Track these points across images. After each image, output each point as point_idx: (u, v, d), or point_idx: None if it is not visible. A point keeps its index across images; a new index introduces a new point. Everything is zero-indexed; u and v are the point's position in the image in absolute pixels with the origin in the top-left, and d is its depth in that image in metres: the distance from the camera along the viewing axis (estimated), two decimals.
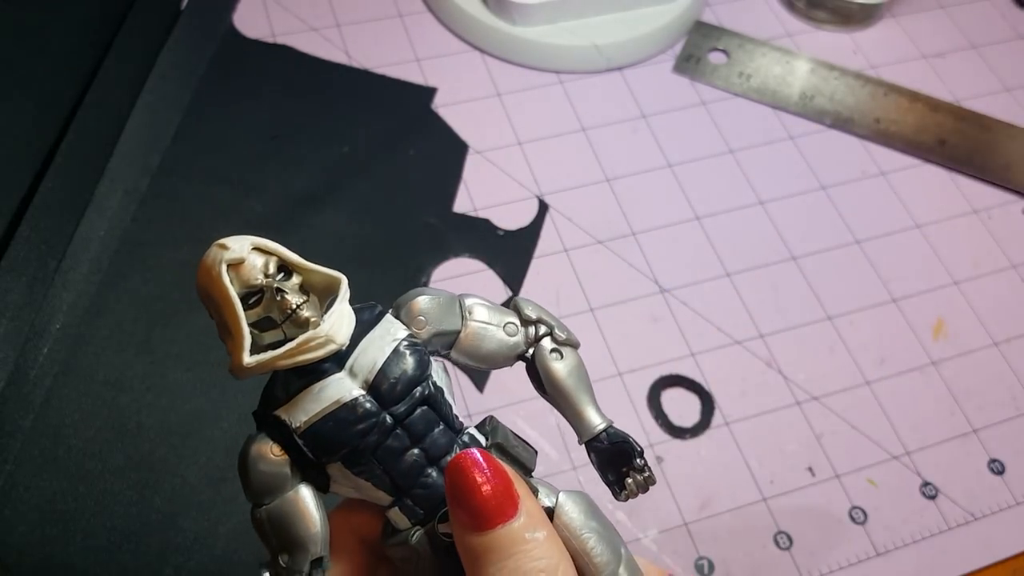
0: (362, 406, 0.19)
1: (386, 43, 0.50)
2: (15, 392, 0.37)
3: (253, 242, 0.19)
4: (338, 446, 0.19)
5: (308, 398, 0.19)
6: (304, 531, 0.20)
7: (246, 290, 0.19)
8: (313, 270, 0.19)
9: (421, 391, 0.20)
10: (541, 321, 0.21)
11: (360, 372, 0.19)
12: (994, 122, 0.49)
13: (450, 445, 0.20)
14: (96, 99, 0.44)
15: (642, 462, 0.20)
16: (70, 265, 0.40)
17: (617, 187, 0.46)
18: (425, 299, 0.21)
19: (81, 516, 0.34)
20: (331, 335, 0.18)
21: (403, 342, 0.20)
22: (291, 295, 0.19)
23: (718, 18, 0.53)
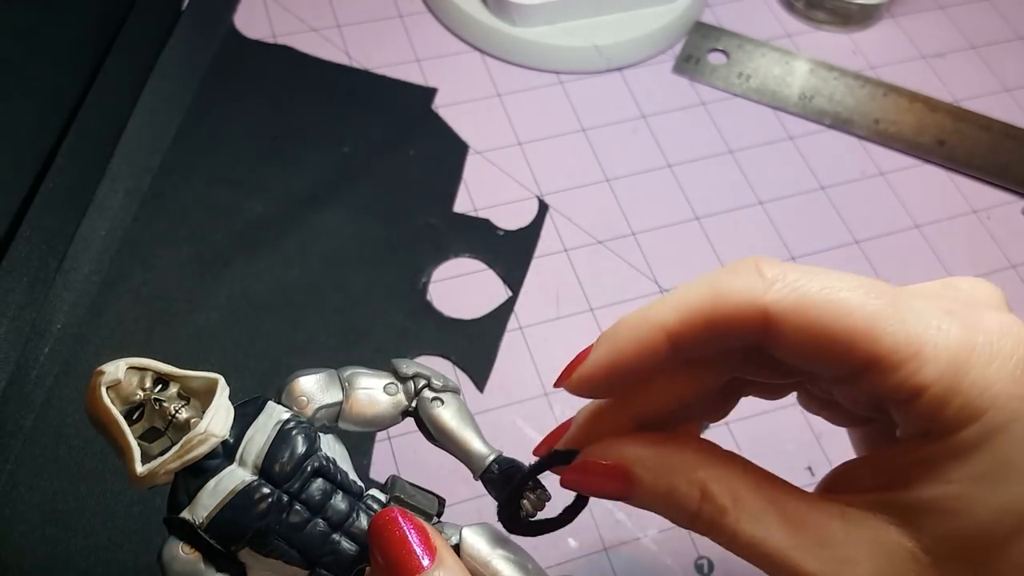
0: (257, 490, 0.20)
1: (386, 43, 0.51)
2: (16, 392, 0.37)
3: (128, 362, 0.21)
4: (241, 531, 0.20)
5: (206, 494, 0.20)
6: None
7: (128, 406, 0.20)
8: (189, 376, 0.21)
9: (312, 464, 0.21)
10: (418, 376, 0.23)
11: (249, 459, 0.21)
12: (993, 122, 0.49)
13: (351, 509, 0.21)
14: (97, 99, 0.44)
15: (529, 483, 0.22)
16: (71, 265, 0.40)
17: (617, 187, 0.46)
18: (304, 379, 0.22)
19: (82, 516, 0.35)
20: (210, 430, 0.20)
21: (286, 423, 0.21)
22: (168, 403, 0.21)
23: (717, 19, 0.54)
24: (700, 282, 0.18)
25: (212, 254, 0.42)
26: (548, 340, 0.41)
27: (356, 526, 0.21)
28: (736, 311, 0.18)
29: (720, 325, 0.18)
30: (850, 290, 0.17)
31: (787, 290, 0.17)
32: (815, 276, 0.17)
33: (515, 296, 0.42)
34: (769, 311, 0.17)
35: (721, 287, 0.18)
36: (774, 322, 0.17)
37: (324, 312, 0.40)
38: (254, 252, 0.42)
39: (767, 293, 0.17)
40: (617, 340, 0.19)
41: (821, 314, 0.17)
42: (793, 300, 0.17)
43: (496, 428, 0.38)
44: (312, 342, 0.39)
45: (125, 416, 0.20)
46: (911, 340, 0.16)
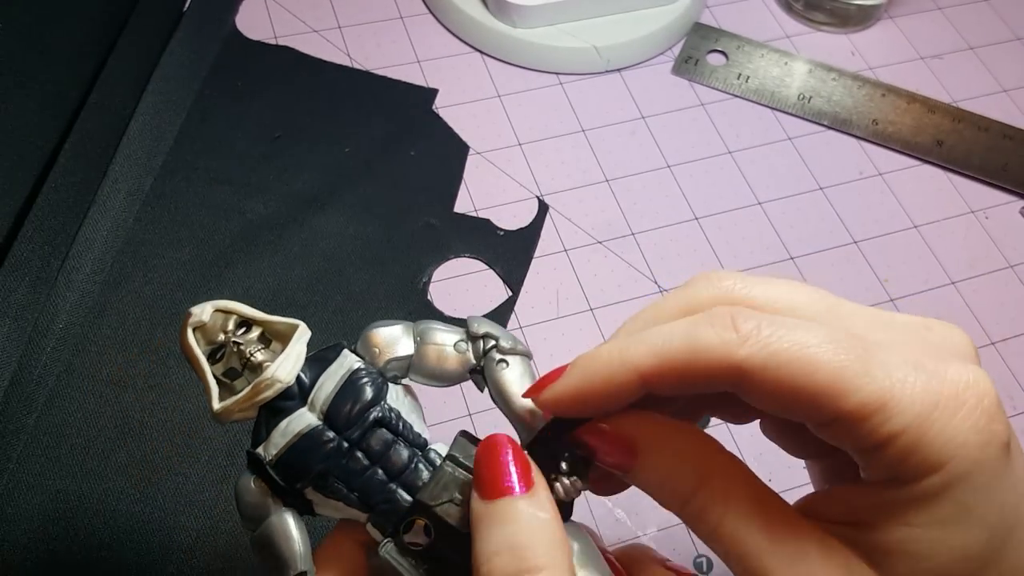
0: (320, 435, 0.21)
1: (387, 45, 0.51)
2: (18, 391, 0.37)
3: (215, 305, 0.22)
4: (304, 472, 0.21)
5: (277, 434, 0.21)
6: (284, 550, 0.21)
7: (211, 347, 0.22)
8: (271, 321, 0.22)
9: (374, 415, 0.21)
10: (488, 335, 0.23)
11: (317, 404, 0.21)
12: (991, 122, 0.50)
13: (410, 461, 0.21)
14: (99, 100, 0.45)
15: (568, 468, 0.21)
16: (73, 265, 0.40)
17: (617, 187, 0.46)
18: (379, 330, 0.23)
19: (84, 514, 0.35)
20: (276, 376, 0.21)
21: (356, 372, 0.22)
22: (246, 346, 0.22)
23: (717, 20, 0.54)
24: (678, 331, 0.19)
25: (213, 254, 0.42)
26: (548, 340, 0.41)
27: (413, 477, 0.21)
28: (710, 365, 0.18)
29: (694, 376, 0.19)
30: (819, 345, 0.18)
31: (759, 346, 0.18)
32: (788, 331, 0.18)
33: (515, 296, 0.42)
34: (742, 367, 0.18)
35: (697, 341, 0.19)
36: (746, 376, 0.18)
37: (325, 312, 0.41)
38: (255, 252, 0.42)
39: (740, 349, 0.18)
40: (591, 372, 0.20)
41: (791, 371, 0.18)
42: (764, 356, 0.18)
43: (496, 427, 0.38)
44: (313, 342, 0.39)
45: (209, 356, 0.21)
46: (878, 395, 0.17)
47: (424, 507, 0.21)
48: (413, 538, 0.21)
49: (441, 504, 0.21)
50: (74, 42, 0.46)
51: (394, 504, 0.21)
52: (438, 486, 0.21)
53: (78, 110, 0.44)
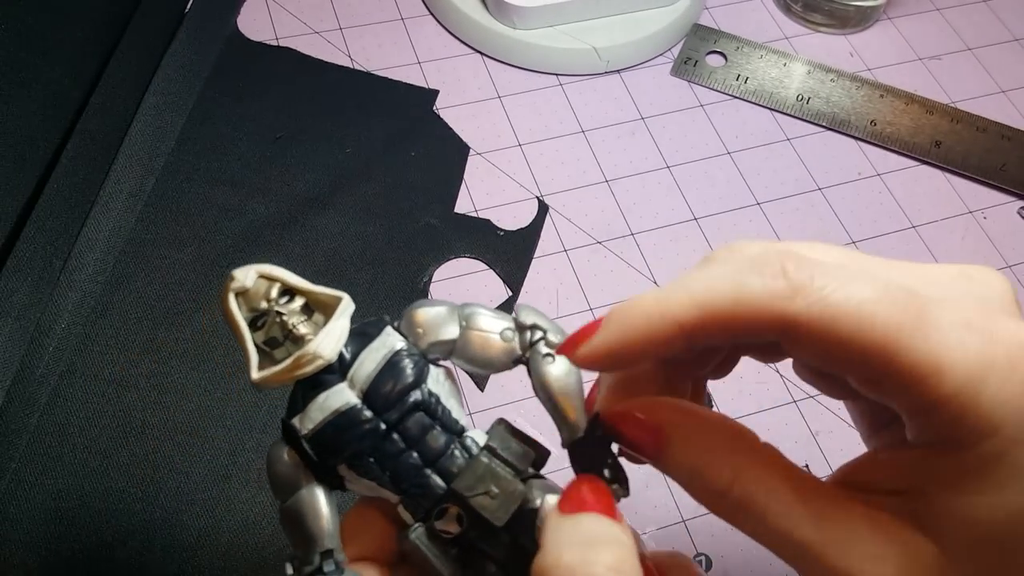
0: (358, 414, 0.21)
1: (388, 46, 0.51)
2: (21, 391, 0.37)
3: (258, 270, 0.21)
4: (338, 450, 0.21)
5: (314, 407, 0.21)
6: (312, 525, 0.21)
7: (252, 314, 0.21)
8: (315, 292, 0.21)
9: (414, 398, 0.21)
10: (536, 326, 0.22)
11: (358, 382, 0.21)
12: (989, 123, 0.50)
13: (447, 447, 0.21)
14: (101, 101, 0.45)
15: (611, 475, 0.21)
16: (75, 265, 0.40)
17: (616, 188, 0.47)
18: (424, 311, 0.22)
19: (86, 514, 0.35)
20: (318, 351, 0.20)
21: (398, 353, 0.21)
22: (288, 316, 0.21)
23: (716, 21, 0.54)
24: (722, 278, 0.18)
25: (215, 254, 0.42)
26: None
27: (449, 464, 0.21)
28: (758, 316, 0.17)
29: (739, 327, 0.18)
30: (876, 301, 0.17)
31: (812, 299, 0.17)
32: (843, 283, 0.17)
33: (515, 296, 0.42)
34: (793, 320, 0.17)
35: (744, 289, 0.17)
36: (796, 329, 0.17)
37: None
38: (257, 252, 0.42)
39: (792, 301, 0.17)
40: (629, 326, 0.19)
41: (844, 326, 0.17)
42: (818, 311, 0.17)
43: None
44: None
45: (250, 323, 0.21)
46: (932, 356, 0.16)
47: (459, 496, 0.21)
48: (444, 525, 0.21)
49: (476, 495, 0.20)
50: (76, 43, 0.46)
51: (427, 490, 0.21)
52: (474, 476, 0.21)
53: (80, 111, 0.44)
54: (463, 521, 0.20)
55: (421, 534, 0.21)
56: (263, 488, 0.36)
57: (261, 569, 0.34)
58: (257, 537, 0.35)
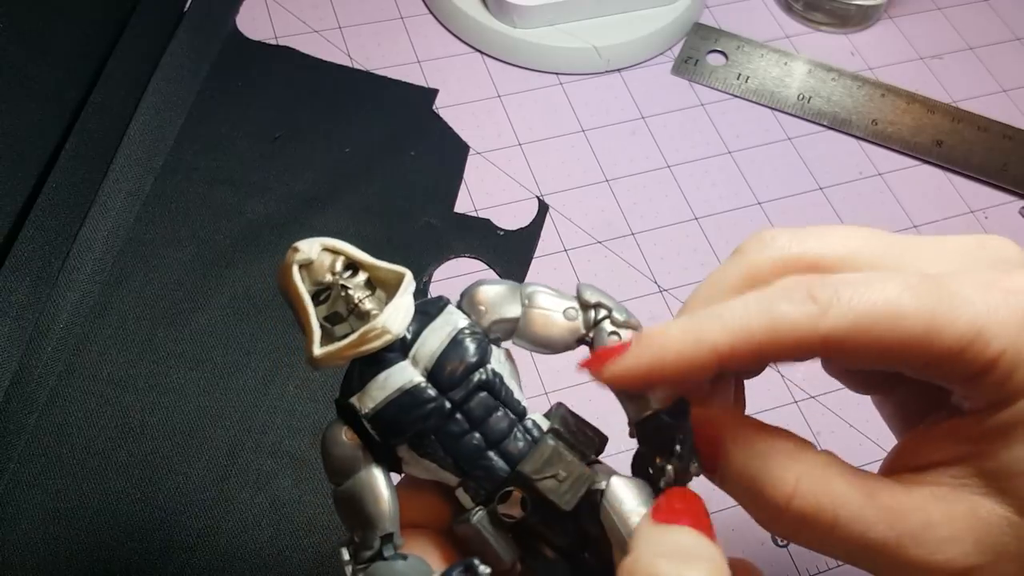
0: (422, 392, 0.20)
1: (388, 45, 0.51)
2: (19, 391, 0.37)
3: (323, 243, 0.20)
4: (401, 429, 0.20)
5: (375, 386, 0.20)
6: (373, 509, 0.20)
7: (316, 288, 0.20)
8: (379, 267, 0.20)
9: (479, 377, 0.20)
10: (600, 304, 0.22)
11: (421, 360, 0.20)
12: (991, 123, 0.50)
13: (510, 429, 0.21)
14: (100, 100, 0.45)
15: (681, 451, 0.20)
16: (74, 265, 0.40)
17: (617, 187, 0.46)
18: (486, 288, 0.22)
19: (84, 514, 0.35)
20: (386, 326, 0.20)
21: (462, 330, 0.21)
22: (354, 290, 0.20)
23: (716, 20, 0.54)
24: (754, 308, 0.18)
25: (214, 254, 0.42)
26: None
27: (511, 446, 0.20)
28: (794, 341, 0.18)
29: (776, 353, 0.18)
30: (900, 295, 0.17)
31: (843, 311, 0.18)
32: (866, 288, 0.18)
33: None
34: (828, 337, 0.18)
35: (778, 317, 0.18)
36: (833, 345, 0.18)
37: None
38: (256, 252, 0.42)
39: (824, 319, 0.18)
40: (661, 350, 0.19)
41: (879, 329, 0.17)
42: (849, 321, 0.18)
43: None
44: None
45: (312, 296, 0.20)
46: (969, 326, 0.17)
47: (525, 479, 0.20)
48: (508, 509, 0.20)
49: (544, 479, 0.20)
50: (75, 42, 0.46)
51: (490, 472, 0.20)
52: (541, 459, 0.20)
53: (79, 110, 0.44)
54: (527, 505, 0.20)
55: (483, 518, 0.20)
56: (261, 489, 0.36)
57: (260, 570, 0.34)
58: (256, 538, 0.35)
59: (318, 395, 0.38)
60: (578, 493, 0.20)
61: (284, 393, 0.38)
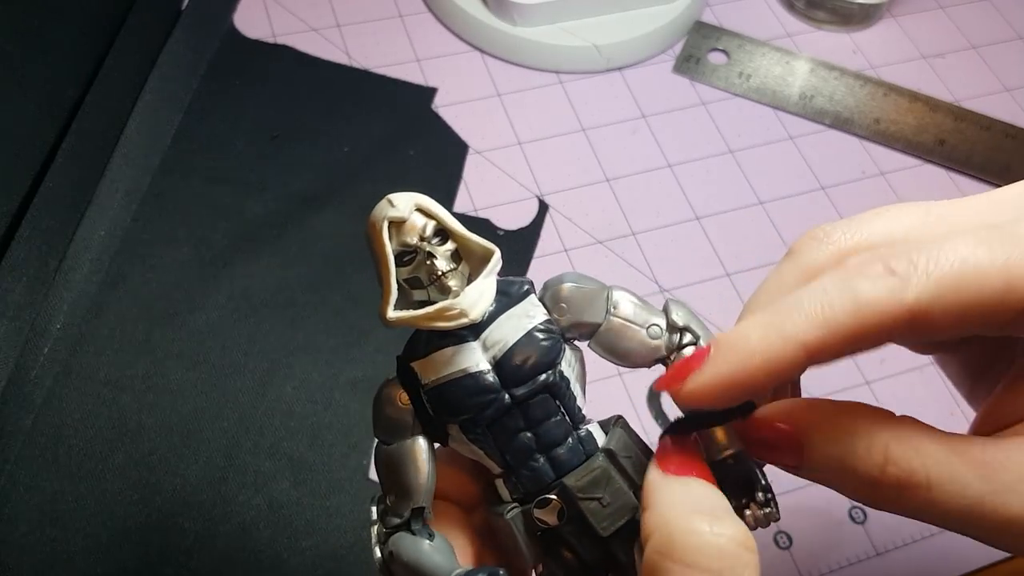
0: (485, 380, 0.20)
1: (386, 43, 0.50)
2: (16, 392, 0.37)
3: (417, 203, 0.19)
4: (456, 411, 0.20)
5: (441, 359, 0.20)
6: (411, 480, 0.20)
7: (401, 248, 0.19)
8: (469, 240, 0.20)
9: (545, 378, 0.20)
10: (688, 329, 0.21)
11: (492, 346, 0.20)
12: (993, 122, 0.49)
13: (565, 437, 0.20)
14: (96, 99, 0.44)
15: (764, 497, 0.20)
16: (71, 265, 0.40)
17: (617, 187, 0.46)
18: (570, 286, 0.21)
19: (81, 516, 0.35)
20: (466, 309, 0.19)
21: (538, 326, 0.20)
22: (440, 260, 0.19)
23: (718, 18, 0.53)
24: (836, 294, 0.18)
25: (212, 254, 0.42)
26: None
27: (562, 453, 0.20)
28: (882, 320, 0.17)
29: (865, 336, 0.18)
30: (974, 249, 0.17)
31: (924, 281, 0.17)
32: (941, 251, 0.17)
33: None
34: (914, 308, 0.17)
35: (861, 296, 0.17)
36: (920, 316, 0.17)
37: (324, 312, 0.40)
38: (254, 252, 0.42)
39: (907, 290, 0.17)
40: (745, 354, 0.18)
41: (963, 291, 0.17)
42: (933, 288, 0.17)
43: None
44: (312, 342, 0.39)
45: (397, 256, 0.19)
46: None
47: (569, 494, 0.20)
48: (543, 515, 0.20)
49: (588, 499, 0.20)
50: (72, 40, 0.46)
51: (536, 475, 0.20)
52: (590, 478, 0.20)
53: (75, 109, 0.44)
54: (563, 516, 0.20)
55: (517, 517, 0.20)
56: (260, 491, 0.36)
57: (258, 572, 0.34)
58: (254, 540, 0.35)
59: (316, 396, 0.38)
60: (617, 522, 0.20)
61: (282, 394, 0.38)
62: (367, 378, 0.39)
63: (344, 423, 0.37)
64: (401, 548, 0.20)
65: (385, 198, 0.19)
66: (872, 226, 0.20)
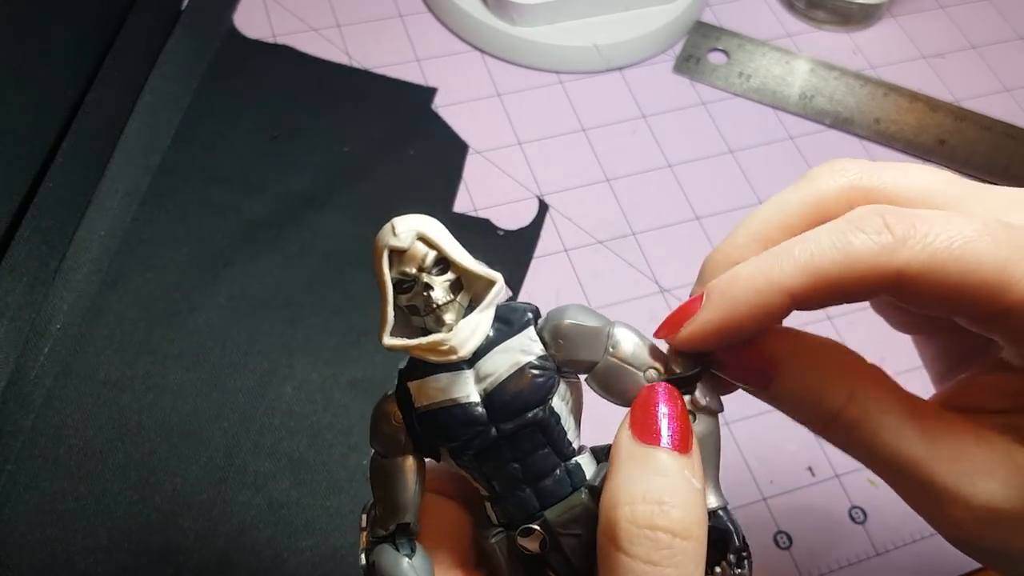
0: (474, 412, 0.20)
1: (386, 43, 0.50)
2: (16, 392, 0.37)
3: (419, 231, 0.19)
4: (444, 438, 0.20)
5: (434, 385, 0.20)
6: (398, 496, 0.21)
7: (401, 276, 0.19)
8: (470, 270, 0.20)
9: (534, 415, 0.20)
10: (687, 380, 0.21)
11: (484, 378, 0.20)
12: (994, 122, 0.49)
13: (552, 469, 0.20)
14: (96, 99, 0.44)
15: (736, 558, 0.20)
16: (70, 265, 0.40)
17: (617, 187, 0.46)
18: (569, 324, 0.20)
19: (81, 516, 0.35)
20: (456, 346, 0.19)
21: (532, 362, 0.20)
22: (437, 291, 0.19)
23: (718, 18, 0.53)
24: (826, 241, 0.18)
25: (212, 254, 0.42)
26: None
27: (549, 485, 0.20)
28: (868, 274, 0.18)
29: (849, 287, 0.18)
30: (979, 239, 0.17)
31: (919, 247, 0.17)
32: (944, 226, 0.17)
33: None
34: (903, 271, 0.17)
35: (851, 249, 0.18)
36: (907, 281, 0.17)
37: (324, 312, 0.40)
38: (254, 252, 0.42)
39: (899, 252, 0.17)
40: (736, 300, 0.19)
41: (954, 270, 0.17)
42: (925, 258, 0.17)
43: None
44: (312, 342, 0.39)
45: (396, 283, 0.19)
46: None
47: (549, 528, 0.20)
48: (526, 543, 0.20)
49: (567, 535, 0.20)
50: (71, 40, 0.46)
51: (521, 505, 0.20)
52: (570, 513, 0.20)
53: (76, 109, 0.44)
54: (545, 546, 0.20)
55: (501, 542, 0.21)
56: (260, 491, 0.36)
57: (258, 572, 0.34)
58: (254, 540, 0.35)
59: (316, 396, 0.38)
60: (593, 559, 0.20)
61: (282, 394, 0.38)
62: (367, 378, 0.39)
63: (344, 423, 0.37)
64: (381, 560, 0.20)
65: (390, 222, 0.19)
66: (891, 175, 0.20)
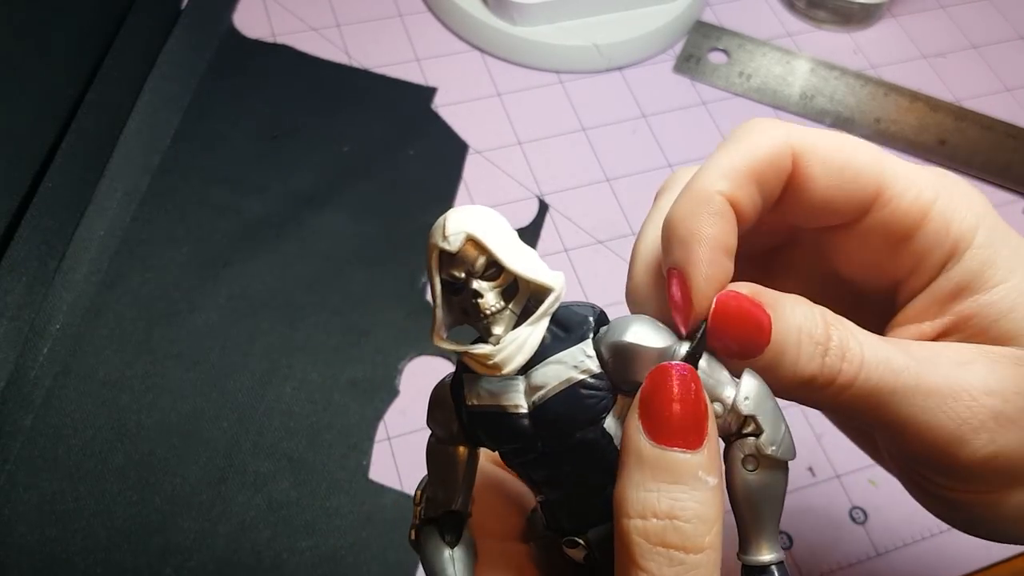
0: (520, 424, 0.19)
1: (386, 43, 0.50)
2: (15, 392, 0.37)
3: (470, 234, 0.18)
4: (490, 441, 0.20)
5: (485, 385, 0.19)
6: (448, 483, 0.21)
7: (450, 279, 0.19)
8: (524, 276, 0.19)
9: (581, 436, 0.19)
10: (753, 420, 0.19)
11: (533, 389, 0.19)
12: (994, 122, 0.49)
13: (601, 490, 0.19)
14: (96, 99, 0.44)
15: None
16: (70, 265, 0.40)
17: (617, 187, 0.46)
18: (630, 342, 0.19)
19: (81, 516, 0.34)
20: (500, 363, 0.18)
21: (585, 381, 0.19)
22: (487, 299, 0.18)
23: (718, 18, 0.53)
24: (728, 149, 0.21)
25: (211, 254, 0.42)
26: None
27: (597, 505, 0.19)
28: (773, 156, 0.21)
29: (764, 174, 0.21)
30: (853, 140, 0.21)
31: (805, 131, 0.21)
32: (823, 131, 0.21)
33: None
34: (796, 148, 0.21)
35: (752, 142, 0.21)
36: (803, 157, 0.21)
37: (324, 312, 0.40)
38: (253, 252, 0.42)
39: (791, 134, 0.21)
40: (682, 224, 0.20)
41: (838, 150, 0.21)
42: (812, 138, 0.21)
43: None
44: (312, 342, 0.39)
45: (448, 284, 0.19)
46: (907, 174, 0.21)
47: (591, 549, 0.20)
48: (571, 552, 0.20)
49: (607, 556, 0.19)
50: (71, 40, 0.46)
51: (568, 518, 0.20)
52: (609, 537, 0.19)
53: (75, 109, 0.44)
54: (590, 560, 0.20)
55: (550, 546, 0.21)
56: (259, 491, 0.36)
57: (257, 573, 0.34)
58: (253, 540, 0.35)
59: (316, 396, 0.38)
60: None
61: (281, 394, 0.38)
62: (367, 378, 0.39)
63: (343, 423, 0.37)
64: (425, 544, 0.21)
65: (444, 216, 0.19)
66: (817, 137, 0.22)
